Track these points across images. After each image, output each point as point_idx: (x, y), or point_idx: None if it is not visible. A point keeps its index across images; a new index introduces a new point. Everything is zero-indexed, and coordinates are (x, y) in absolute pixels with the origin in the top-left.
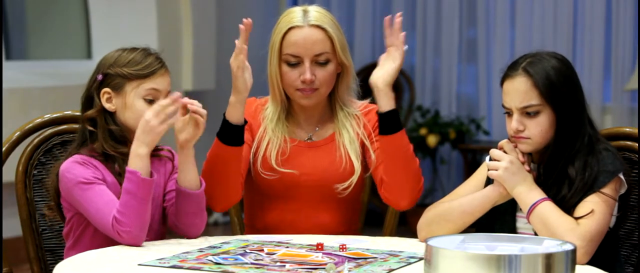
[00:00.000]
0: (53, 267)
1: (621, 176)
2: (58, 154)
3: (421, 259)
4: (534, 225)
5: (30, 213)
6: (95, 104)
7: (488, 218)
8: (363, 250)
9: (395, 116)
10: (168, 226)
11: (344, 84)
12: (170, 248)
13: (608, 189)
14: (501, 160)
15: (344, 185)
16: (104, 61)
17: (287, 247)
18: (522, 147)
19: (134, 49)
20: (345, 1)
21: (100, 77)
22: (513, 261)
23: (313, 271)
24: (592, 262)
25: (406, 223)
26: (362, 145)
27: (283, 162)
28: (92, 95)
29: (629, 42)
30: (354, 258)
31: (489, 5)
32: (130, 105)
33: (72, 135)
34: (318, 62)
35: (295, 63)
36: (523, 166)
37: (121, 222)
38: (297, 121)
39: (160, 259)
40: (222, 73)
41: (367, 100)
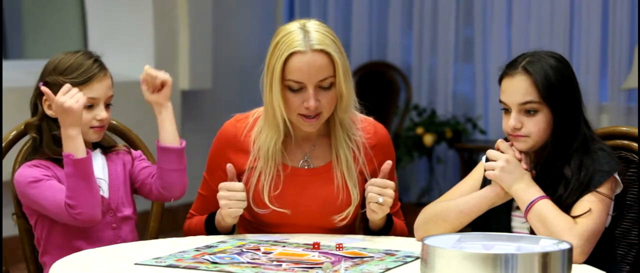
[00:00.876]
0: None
1: (616, 176)
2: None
3: (418, 258)
4: (532, 223)
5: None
6: (38, 111)
7: (484, 217)
8: (360, 249)
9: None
10: (153, 197)
11: (343, 107)
12: (166, 247)
13: (604, 188)
14: (498, 159)
15: (342, 215)
16: (46, 67)
17: (284, 246)
18: (519, 146)
19: (76, 53)
20: (341, 0)
21: (41, 85)
22: (509, 260)
23: (310, 270)
24: (588, 262)
25: None
26: (361, 173)
27: (276, 198)
28: (37, 104)
29: (626, 41)
30: (351, 257)
31: (486, 4)
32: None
33: None
34: (322, 87)
35: (297, 89)
36: (520, 164)
37: (72, 206)
38: (295, 141)
39: (156, 258)
40: (219, 72)
41: (371, 118)
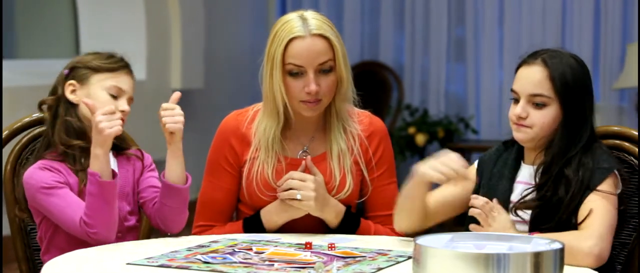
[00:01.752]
0: (41, 267)
1: (617, 173)
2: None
3: (410, 258)
4: None
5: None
6: (56, 93)
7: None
8: (352, 249)
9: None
10: (150, 223)
11: (341, 94)
12: (158, 247)
13: (605, 186)
14: (486, 229)
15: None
16: (71, 61)
17: (276, 246)
18: (520, 136)
19: (101, 52)
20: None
21: (66, 72)
22: (501, 260)
23: (302, 270)
24: None
25: None
26: (356, 162)
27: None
28: (56, 90)
29: (618, 41)
30: (343, 257)
31: (478, 4)
32: (93, 95)
33: None
34: (322, 70)
35: (297, 73)
36: (501, 216)
37: (89, 225)
38: (293, 133)
39: (148, 258)
40: (211, 72)
41: (367, 110)
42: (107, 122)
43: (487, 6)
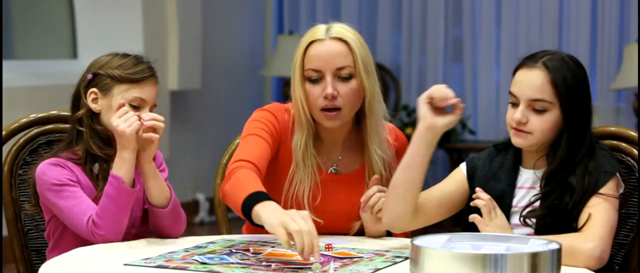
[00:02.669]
0: (38, 267)
1: (618, 175)
2: (43, 154)
3: (407, 258)
4: None
5: (15, 213)
6: (82, 104)
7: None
8: (349, 249)
9: None
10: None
11: (371, 112)
12: (156, 248)
13: (607, 189)
14: (487, 223)
15: (358, 223)
16: (96, 62)
17: (273, 247)
18: (519, 141)
19: (127, 55)
20: (330, 1)
21: (90, 77)
22: (499, 260)
23: (299, 271)
24: None
25: None
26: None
27: (312, 202)
28: (80, 94)
29: (615, 41)
30: (340, 257)
31: (475, 4)
32: (115, 107)
33: (59, 134)
34: (340, 77)
35: (316, 78)
36: (501, 216)
37: (98, 225)
38: (322, 148)
39: (146, 259)
40: (208, 73)
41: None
42: (124, 123)
43: (485, 6)
